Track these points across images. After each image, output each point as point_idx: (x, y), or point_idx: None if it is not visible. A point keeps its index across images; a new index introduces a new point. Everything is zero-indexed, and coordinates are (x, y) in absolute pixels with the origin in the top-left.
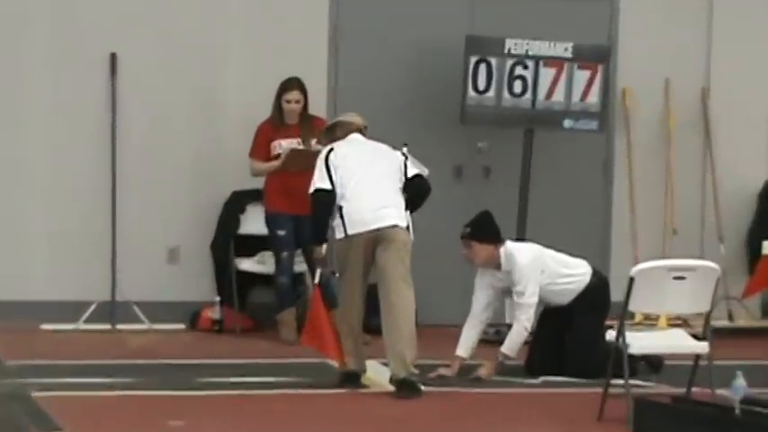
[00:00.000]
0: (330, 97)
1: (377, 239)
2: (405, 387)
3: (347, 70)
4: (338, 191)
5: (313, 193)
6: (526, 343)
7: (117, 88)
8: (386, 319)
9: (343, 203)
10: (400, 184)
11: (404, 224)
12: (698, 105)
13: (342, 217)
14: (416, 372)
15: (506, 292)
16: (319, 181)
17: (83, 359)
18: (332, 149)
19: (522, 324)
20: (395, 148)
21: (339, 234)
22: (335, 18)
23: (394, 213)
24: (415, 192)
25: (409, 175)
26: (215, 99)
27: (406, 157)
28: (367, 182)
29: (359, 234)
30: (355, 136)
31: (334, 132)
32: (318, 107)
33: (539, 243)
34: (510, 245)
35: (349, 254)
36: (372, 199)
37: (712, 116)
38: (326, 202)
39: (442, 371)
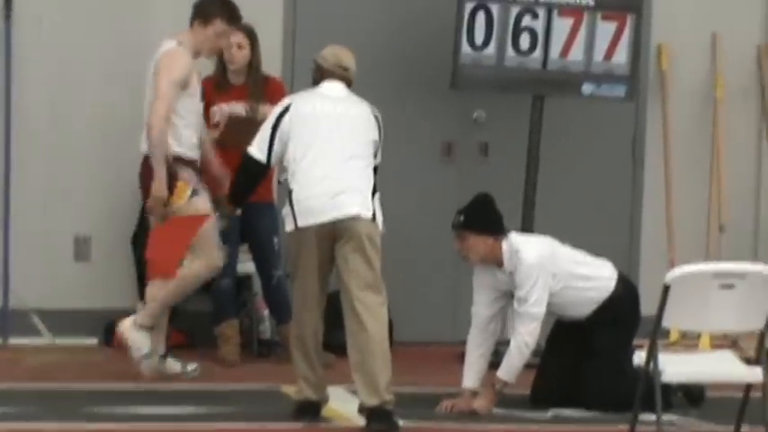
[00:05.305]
0: (286, 51)
1: (335, 234)
2: (377, 418)
3: (309, 16)
4: (289, 167)
5: (244, 156)
6: (530, 366)
7: (12, 34)
8: (351, 335)
9: (293, 185)
10: (373, 162)
11: (368, 213)
12: (753, 68)
13: (291, 204)
14: (391, 398)
15: (512, 297)
16: (256, 146)
17: None
18: (288, 107)
19: (522, 339)
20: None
21: (289, 226)
22: None
23: (356, 200)
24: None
25: (376, 161)
26: (140, 47)
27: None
28: (327, 159)
29: (310, 227)
30: (329, 86)
31: (313, 76)
32: (272, 63)
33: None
34: (515, 238)
35: (300, 251)
36: (329, 182)
37: None
38: (255, 174)
39: (460, 404)
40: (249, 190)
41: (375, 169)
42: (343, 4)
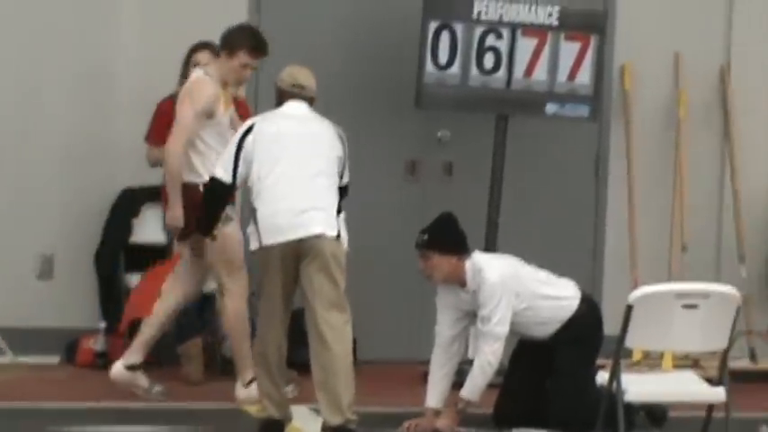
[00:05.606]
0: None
1: (299, 252)
2: None
3: (272, 36)
4: (254, 187)
5: (210, 178)
6: (494, 385)
7: None
8: (315, 354)
9: (258, 204)
10: (338, 180)
11: (332, 232)
12: (716, 88)
13: (256, 222)
14: (354, 418)
15: (475, 316)
16: (221, 167)
17: None
18: (251, 127)
19: (485, 358)
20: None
21: (253, 244)
22: None
23: (320, 218)
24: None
25: (344, 181)
26: (107, 67)
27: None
28: (292, 176)
29: (275, 245)
30: (292, 106)
31: (275, 99)
32: None
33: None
34: (479, 258)
35: (265, 269)
36: (294, 200)
37: (733, 101)
38: (221, 195)
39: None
40: (217, 213)
41: (344, 189)
42: (307, 24)
